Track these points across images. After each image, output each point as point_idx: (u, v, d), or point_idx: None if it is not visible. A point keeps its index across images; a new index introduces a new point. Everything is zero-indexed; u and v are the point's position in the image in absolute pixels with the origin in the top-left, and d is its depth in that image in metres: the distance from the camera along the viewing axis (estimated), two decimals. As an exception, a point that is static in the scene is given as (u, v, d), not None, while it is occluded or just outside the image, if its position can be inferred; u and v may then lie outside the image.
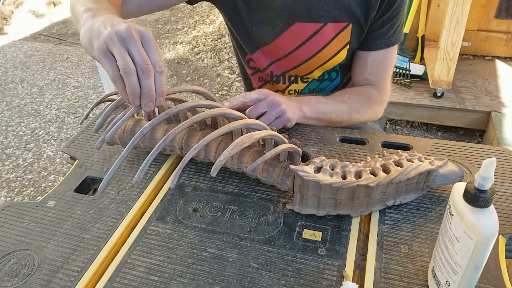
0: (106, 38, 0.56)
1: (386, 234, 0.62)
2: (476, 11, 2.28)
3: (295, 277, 0.57)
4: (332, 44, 0.90)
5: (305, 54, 0.91)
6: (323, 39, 0.89)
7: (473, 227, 0.44)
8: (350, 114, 0.90)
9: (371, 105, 0.93)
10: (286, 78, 0.98)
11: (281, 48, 0.92)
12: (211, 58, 3.16)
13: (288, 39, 0.90)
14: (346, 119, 0.90)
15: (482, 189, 0.44)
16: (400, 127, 2.24)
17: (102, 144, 0.67)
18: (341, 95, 0.92)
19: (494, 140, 1.85)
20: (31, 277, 0.59)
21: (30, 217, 0.69)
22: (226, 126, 0.61)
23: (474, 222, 0.44)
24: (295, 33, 0.88)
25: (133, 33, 0.56)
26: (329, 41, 0.89)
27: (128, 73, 0.55)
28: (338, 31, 0.88)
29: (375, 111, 0.95)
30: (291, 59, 0.93)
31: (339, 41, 0.89)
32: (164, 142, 0.60)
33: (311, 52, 0.91)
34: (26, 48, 3.49)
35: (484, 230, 0.44)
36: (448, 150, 0.78)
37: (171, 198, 0.71)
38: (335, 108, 0.89)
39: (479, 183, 0.44)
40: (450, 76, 1.98)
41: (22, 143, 2.34)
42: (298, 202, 0.65)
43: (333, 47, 0.90)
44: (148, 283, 0.57)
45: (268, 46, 0.92)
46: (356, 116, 0.92)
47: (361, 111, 0.92)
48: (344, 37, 0.89)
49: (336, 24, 0.87)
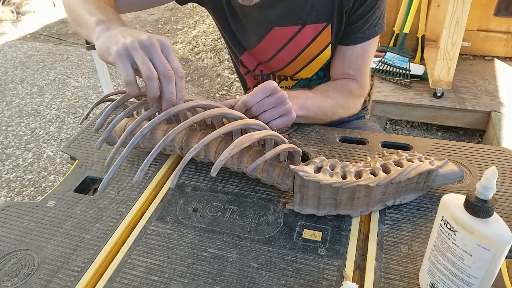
0: (129, 45, 0.59)
1: (386, 234, 0.62)
2: (476, 11, 2.28)
3: (295, 277, 0.57)
4: (314, 45, 0.90)
5: (288, 56, 0.93)
6: (303, 40, 0.90)
7: (489, 238, 0.43)
8: (335, 110, 0.89)
9: (353, 100, 0.93)
10: (276, 76, 1.00)
11: (265, 52, 0.94)
12: (211, 58, 3.16)
13: (270, 43, 0.92)
14: (330, 115, 0.89)
15: (486, 199, 0.43)
16: (400, 127, 2.24)
17: (102, 144, 0.67)
18: (326, 90, 0.89)
19: (494, 140, 1.85)
20: (31, 277, 0.59)
21: (30, 217, 0.69)
22: (226, 126, 0.61)
23: (488, 233, 0.43)
24: (276, 37, 0.90)
25: (154, 42, 0.60)
26: (309, 41, 0.90)
27: (151, 79, 0.59)
28: (318, 31, 0.89)
29: (355, 106, 0.95)
30: (276, 61, 0.95)
31: (320, 41, 0.90)
32: (164, 142, 0.60)
33: (293, 54, 0.92)
34: (26, 48, 3.49)
35: (499, 239, 0.43)
36: (448, 150, 0.78)
37: (171, 198, 0.71)
38: (322, 105, 0.86)
39: (483, 193, 0.43)
40: (450, 76, 1.98)
41: (22, 143, 2.34)
42: (298, 202, 0.65)
43: (314, 47, 0.91)
44: (148, 283, 0.57)
45: (253, 50, 0.94)
46: (340, 112, 0.91)
47: (345, 107, 0.91)
48: (325, 37, 0.89)
49: (315, 25, 0.88)
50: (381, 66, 2.26)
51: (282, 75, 0.99)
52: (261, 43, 0.92)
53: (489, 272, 0.46)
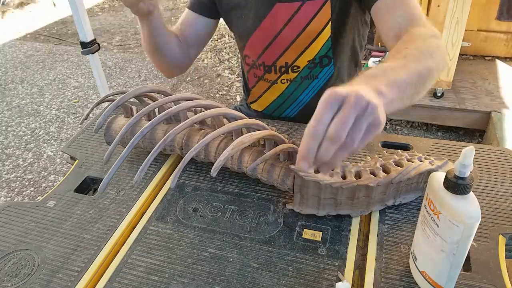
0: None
1: (386, 234, 0.62)
2: (476, 11, 2.28)
3: (295, 277, 0.57)
4: (315, 22, 0.91)
5: (289, 35, 0.93)
6: (304, 17, 0.91)
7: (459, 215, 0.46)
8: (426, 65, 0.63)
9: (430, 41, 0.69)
10: (277, 68, 1.00)
11: (268, 31, 0.95)
12: (211, 58, 3.16)
13: (272, 21, 0.93)
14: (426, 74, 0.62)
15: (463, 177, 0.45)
16: (400, 127, 2.24)
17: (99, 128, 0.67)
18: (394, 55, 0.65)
19: (494, 140, 1.85)
20: (31, 277, 0.59)
21: (30, 217, 0.69)
22: (226, 126, 0.61)
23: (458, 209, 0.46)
24: (277, 14, 0.92)
25: None
26: (311, 18, 0.91)
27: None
28: (318, 7, 0.89)
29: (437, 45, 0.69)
30: (278, 42, 0.95)
31: (320, 18, 0.91)
32: (164, 142, 0.60)
33: (295, 32, 0.93)
34: (26, 48, 3.49)
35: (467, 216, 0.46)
36: (448, 150, 0.78)
37: (171, 198, 0.71)
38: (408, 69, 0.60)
39: (460, 170, 0.45)
40: (450, 76, 1.98)
41: (22, 143, 2.34)
42: (298, 202, 0.65)
43: (315, 25, 0.91)
44: (148, 283, 0.57)
45: (256, 31, 0.96)
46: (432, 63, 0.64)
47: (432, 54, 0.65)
48: (325, 13, 0.90)
49: (315, 1, 0.89)
50: (381, 66, 2.26)
51: (283, 64, 0.99)
52: (264, 22, 0.94)
53: (460, 250, 0.48)
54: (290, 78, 1.01)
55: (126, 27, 3.85)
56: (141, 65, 3.16)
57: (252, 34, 0.98)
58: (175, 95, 0.68)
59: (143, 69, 3.09)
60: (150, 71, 3.05)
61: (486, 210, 0.65)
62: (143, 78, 2.98)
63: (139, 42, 3.51)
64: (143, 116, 0.78)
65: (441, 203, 0.47)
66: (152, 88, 0.72)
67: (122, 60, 3.23)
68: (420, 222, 0.53)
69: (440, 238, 0.49)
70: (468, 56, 2.47)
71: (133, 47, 3.46)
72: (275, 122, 0.90)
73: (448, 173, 0.46)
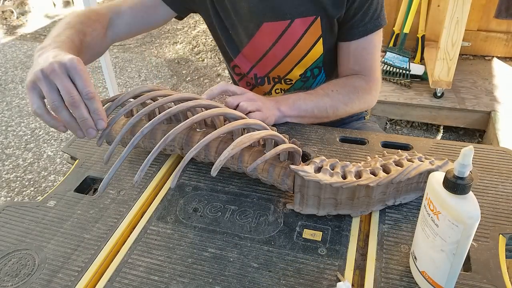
0: (33, 77, 0.60)
1: (386, 234, 0.62)
2: (476, 11, 2.28)
3: (295, 277, 0.57)
4: (305, 39, 0.90)
5: (280, 52, 0.93)
6: (294, 35, 0.90)
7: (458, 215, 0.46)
8: (336, 107, 0.88)
9: (359, 95, 0.91)
10: (270, 79, 1.00)
11: (257, 49, 0.94)
12: (211, 58, 3.16)
13: (261, 40, 0.92)
14: (331, 112, 0.89)
15: (463, 176, 0.45)
16: (400, 127, 2.24)
17: (102, 141, 0.67)
18: (324, 88, 0.89)
19: (494, 140, 1.85)
20: (31, 277, 0.59)
21: (30, 217, 0.69)
22: (226, 126, 0.61)
23: (457, 209, 0.46)
24: (266, 33, 0.90)
25: (56, 68, 0.59)
26: (300, 36, 0.90)
27: (57, 110, 0.60)
28: (307, 25, 0.88)
29: (364, 101, 0.93)
30: (269, 58, 0.95)
31: (310, 35, 0.90)
32: (164, 142, 0.60)
33: (285, 50, 0.92)
34: (26, 48, 3.49)
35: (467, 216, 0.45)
36: (448, 150, 0.78)
37: (171, 198, 0.71)
38: (317, 104, 0.87)
39: (459, 170, 0.45)
40: (450, 76, 1.98)
41: (22, 143, 2.34)
42: (298, 202, 0.65)
43: (305, 42, 0.91)
44: (149, 283, 0.57)
45: (245, 48, 0.95)
46: (343, 108, 0.89)
47: (348, 103, 0.90)
48: (315, 30, 0.89)
49: (304, 19, 0.87)
50: (381, 66, 2.26)
51: (276, 76, 0.99)
52: (253, 40, 0.92)
53: (460, 250, 0.48)
54: (284, 88, 1.01)
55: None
56: (141, 65, 3.16)
57: (242, 51, 0.96)
58: (175, 95, 0.69)
59: (143, 69, 3.09)
60: (150, 71, 3.05)
61: (486, 210, 0.65)
62: (143, 78, 2.98)
63: (139, 42, 3.52)
64: (143, 116, 0.78)
65: (440, 203, 0.47)
66: (151, 88, 0.72)
67: (122, 60, 3.23)
68: (419, 221, 0.53)
69: (439, 238, 0.49)
70: (468, 56, 2.47)
71: (133, 47, 3.46)
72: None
73: (447, 173, 0.46)
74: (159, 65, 3.13)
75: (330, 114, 0.89)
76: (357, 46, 0.90)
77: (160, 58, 3.24)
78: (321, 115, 0.88)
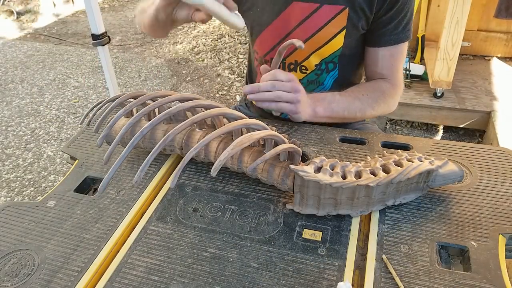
0: None
1: (386, 234, 0.62)
2: (476, 11, 2.28)
3: (295, 277, 0.57)
4: (328, 27, 0.91)
5: (302, 34, 0.93)
6: (319, 20, 0.91)
7: None
8: (364, 111, 0.92)
9: (384, 99, 0.95)
10: (286, 65, 1.00)
11: (281, 28, 0.95)
12: (211, 58, 3.16)
13: (287, 18, 0.93)
14: (359, 115, 0.93)
15: None
16: (400, 127, 2.24)
17: (103, 141, 0.67)
18: (355, 91, 0.93)
19: (494, 140, 1.85)
20: (31, 277, 0.59)
21: (30, 217, 0.69)
22: (226, 126, 0.61)
23: None
24: (293, 13, 0.91)
25: None
26: (325, 23, 0.91)
27: None
28: (335, 13, 0.89)
29: (388, 104, 0.97)
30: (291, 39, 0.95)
31: (335, 24, 0.91)
32: (164, 142, 0.60)
33: (308, 33, 0.93)
34: (26, 48, 3.49)
35: None
36: (448, 150, 0.78)
37: (171, 198, 0.71)
38: (349, 106, 0.90)
39: None
40: (450, 76, 1.98)
41: (22, 143, 2.34)
42: (298, 202, 0.65)
43: (329, 30, 0.91)
44: (148, 283, 0.57)
45: (270, 25, 0.95)
46: (370, 112, 0.94)
47: (375, 106, 0.94)
48: (340, 20, 0.90)
49: (333, 6, 0.88)
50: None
51: (293, 61, 0.99)
52: (278, 18, 0.93)
53: None
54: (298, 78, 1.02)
55: (126, 27, 3.85)
56: (141, 65, 3.16)
57: (264, 30, 0.97)
58: (175, 95, 0.68)
59: (143, 69, 3.09)
60: (150, 71, 3.05)
61: (486, 210, 0.65)
62: (143, 78, 2.98)
63: (139, 42, 3.52)
64: (143, 116, 0.78)
65: None
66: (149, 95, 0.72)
67: (122, 60, 3.23)
68: None
69: None
70: (468, 56, 2.47)
71: (133, 47, 3.46)
72: (275, 122, 0.90)
73: None
74: (159, 65, 3.13)
75: (357, 117, 0.93)
76: (386, 53, 0.94)
77: (160, 58, 3.24)
78: (350, 117, 0.92)
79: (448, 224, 0.63)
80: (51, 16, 4.11)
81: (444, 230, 0.62)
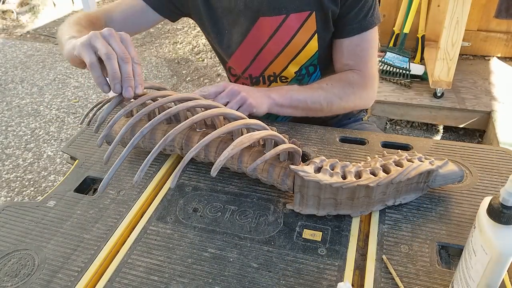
0: (90, 35, 0.66)
1: (386, 234, 0.62)
2: (476, 11, 2.28)
3: (295, 277, 0.57)
4: (299, 35, 0.90)
5: (275, 47, 0.93)
6: (289, 30, 0.90)
7: (490, 242, 0.42)
8: (330, 100, 0.89)
9: (354, 90, 0.91)
10: (265, 77, 1.00)
11: (253, 45, 0.94)
12: (211, 58, 3.16)
13: (257, 34, 0.92)
14: (325, 105, 0.89)
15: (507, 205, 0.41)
16: (400, 127, 2.24)
17: (103, 141, 0.67)
18: (319, 82, 0.91)
19: (494, 140, 1.85)
20: (31, 277, 0.59)
21: (30, 217, 0.69)
22: (226, 126, 0.61)
23: (492, 237, 0.42)
24: (262, 28, 0.91)
25: (113, 33, 0.66)
26: (295, 31, 0.90)
27: (109, 57, 0.64)
28: (302, 21, 0.89)
29: (360, 96, 0.93)
30: (264, 55, 0.95)
31: (305, 31, 0.90)
32: (164, 142, 0.60)
33: (280, 45, 0.92)
34: (26, 48, 3.49)
35: (500, 247, 0.42)
36: (448, 150, 0.78)
37: (171, 198, 0.71)
38: (311, 95, 0.87)
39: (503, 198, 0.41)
40: (450, 76, 1.98)
41: (22, 143, 2.34)
42: (298, 202, 0.65)
43: (300, 37, 0.91)
44: (148, 283, 0.57)
45: (240, 46, 0.95)
46: (338, 102, 0.90)
47: (343, 97, 0.90)
48: (309, 26, 0.89)
49: (299, 14, 0.88)
50: (381, 66, 2.26)
51: (271, 74, 0.99)
52: (248, 36, 0.93)
53: (484, 280, 0.45)
54: None
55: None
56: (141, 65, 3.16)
57: (237, 50, 0.96)
58: (175, 95, 0.69)
59: (143, 69, 3.09)
60: (150, 71, 3.05)
61: (486, 210, 0.64)
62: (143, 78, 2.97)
63: (139, 42, 3.52)
64: (143, 116, 0.78)
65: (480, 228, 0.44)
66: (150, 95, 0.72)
67: (122, 60, 3.23)
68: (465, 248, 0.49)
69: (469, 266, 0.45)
70: (468, 56, 2.47)
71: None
72: (275, 122, 0.90)
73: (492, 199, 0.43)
74: (159, 65, 3.13)
75: (324, 107, 0.89)
76: (350, 43, 0.90)
77: (160, 58, 3.24)
78: (315, 107, 0.88)
79: (448, 224, 0.63)
80: (51, 16, 4.11)
81: (444, 230, 0.62)
